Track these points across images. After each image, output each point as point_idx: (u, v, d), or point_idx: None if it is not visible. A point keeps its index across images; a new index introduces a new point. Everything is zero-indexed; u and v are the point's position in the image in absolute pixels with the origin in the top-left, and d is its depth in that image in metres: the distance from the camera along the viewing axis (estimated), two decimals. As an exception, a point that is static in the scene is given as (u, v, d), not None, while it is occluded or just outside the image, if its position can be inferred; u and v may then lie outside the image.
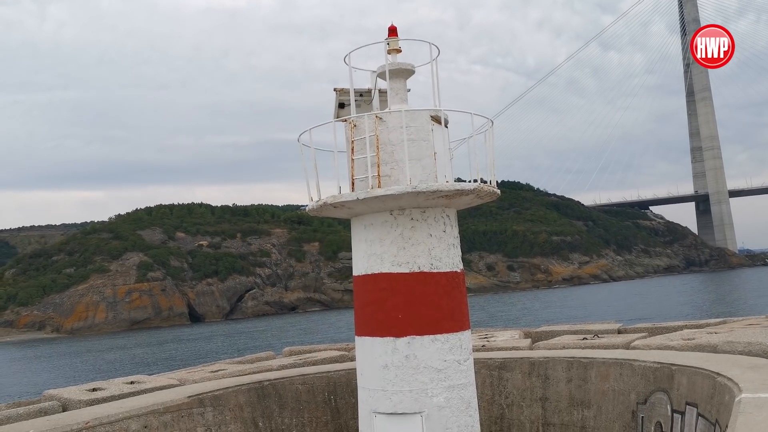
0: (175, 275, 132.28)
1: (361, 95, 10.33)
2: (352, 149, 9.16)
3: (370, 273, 9.13)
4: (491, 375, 12.85)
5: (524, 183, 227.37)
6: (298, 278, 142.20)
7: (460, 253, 9.59)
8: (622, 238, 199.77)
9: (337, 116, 10.09)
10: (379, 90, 10.19)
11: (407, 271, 8.93)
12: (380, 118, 9.00)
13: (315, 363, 13.85)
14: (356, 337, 9.43)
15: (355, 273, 9.50)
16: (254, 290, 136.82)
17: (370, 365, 9.05)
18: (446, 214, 9.33)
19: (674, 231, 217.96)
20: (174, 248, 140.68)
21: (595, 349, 12.89)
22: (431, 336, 8.86)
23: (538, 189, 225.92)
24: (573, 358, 12.17)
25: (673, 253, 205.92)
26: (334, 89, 10.37)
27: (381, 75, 9.75)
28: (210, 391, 11.36)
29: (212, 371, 13.32)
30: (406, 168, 8.63)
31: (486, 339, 15.91)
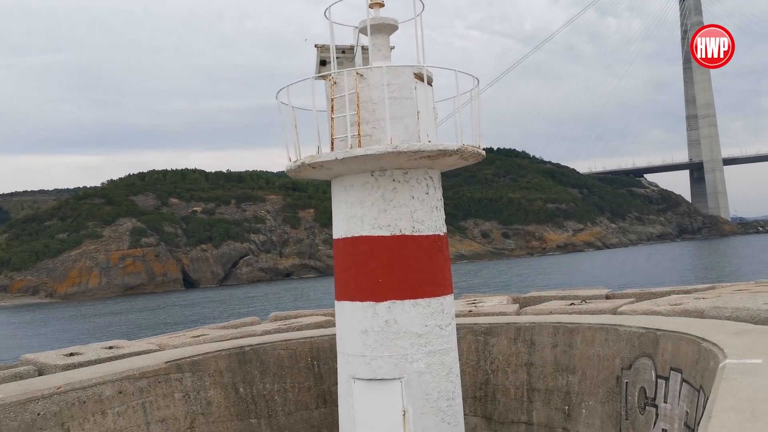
0: (169, 241, 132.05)
1: (343, 52, 9.95)
2: (332, 107, 8.82)
3: (350, 236, 8.88)
4: (477, 340, 12.71)
5: (520, 150, 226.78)
6: (293, 245, 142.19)
7: (444, 216, 9.33)
8: (616, 205, 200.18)
9: (318, 74, 9.73)
10: (362, 47, 9.81)
11: (388, 234, 8.68)
12: (361, 75, 8.65)
13: (300, 328, 13.69)
14: (336, 302, 9.22)
15: (335, 236, 9.25)
16: (249, 256, 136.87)
17: (350, 330, 8.86)
18: (429, 176, 9.04)
19: (668, 199, 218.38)
20: (168, 214, 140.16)
21: (581, 315, 12.75)
22: (412, 300, 8.65)
23: (534, 156, 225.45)
24: (559, 323, 12.02)
25: (667, 221, 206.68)
26: (315, 45, 9.98)
27: (363, 31, 9.36)
28: (189, 357, 11.19)
29: (194, 336, 13.15)
30: (387, 127, 8.31)
31: (474, 304, 15.77)
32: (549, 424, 11.71)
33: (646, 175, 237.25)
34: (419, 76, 8.82)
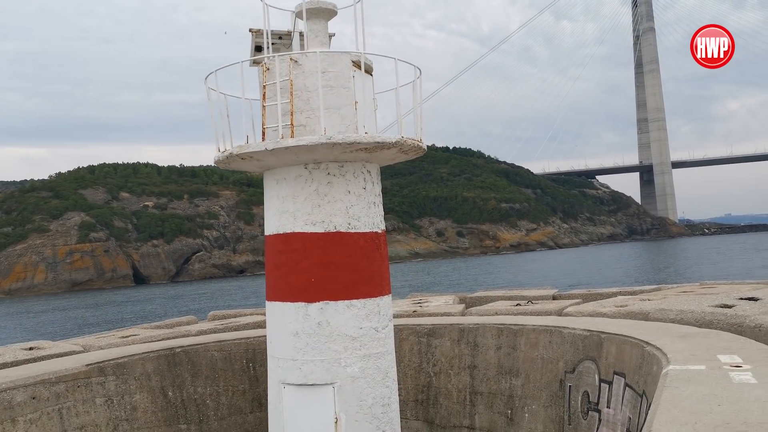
0: (119, 236, 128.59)
1: (280, 38, 9.38)
2: (264, 95, 8.26)
3: (281, 232, 8.34)
4: (420, 342, 12.31)
5: (476, 150, 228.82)
6: (247, 241, 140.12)
7: (382, 213, 8.87)
8: (568, 206, 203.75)
9: (254, 61, 9.15)
10: (300, 33, 9.27)
11: (322, 230, 8.18)
12: (295, 61, 8.11)
13: (237, 328, 13.07)
14: (267, 303, 8.67)
15: (266, 232, 8.69)
16: (201, 252, 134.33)
17: (280, 333, 8.32)
18: (367, 170, 8.57)
19: (619, 200, 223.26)
20: (118, 208, 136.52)
21: (527, 316, 12.48)
22: (347, 301, 8.16)
23: (489, 156, 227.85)
24: (503, 325, 11.70)
25: (617, 222, 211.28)
26: (250, 30, 9.39)
27: (300, 15, 8.82)
28: (114, 359, 10.47)
29: (122, 337, 12.40)
30: (321, 117, 7.79)
31: (419, 304, 15.39)
32: (491, 429, 11.38)
33: (597, 177, 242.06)
34: (358, 64, 8.33)
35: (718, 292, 12.44)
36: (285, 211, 8.29)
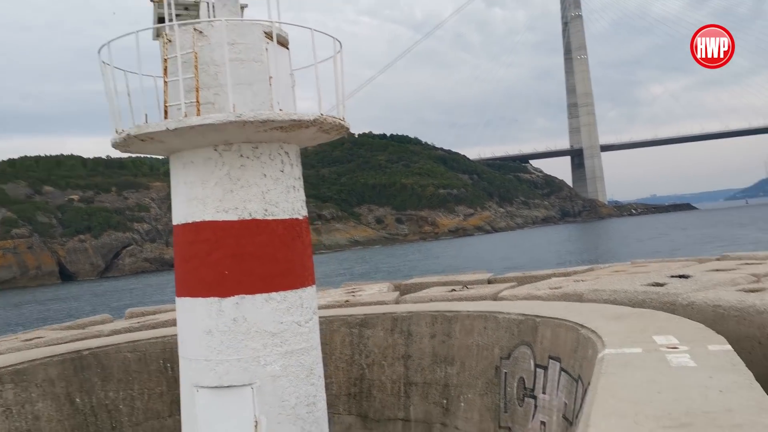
0: (43, 232, 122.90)
1: (186, 8, 8.54)
2: (165, 70, 7.45)
3: (190, 221, 7.59)
4: (351, 333, 11.75)
5: (413, 137, 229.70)
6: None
7: (304, 197, 8.22)
8: (504, 190, 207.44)
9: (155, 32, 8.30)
10: (208, 3, 8.46)
11: (235, 218, 7.46)
12: (200, 32, 7.34)
13: (154, 326, 12.18)
14: (176, 299, 7.90)
15: (174, 222, 7.92)
16: (132, 246, 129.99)
17: (192, 331, 7.59)
18: (285, 151, 7.89)
19: (551, 184, 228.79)
20: (41, 203, 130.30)
21: (462, 302, 12.09)
22: (265, 294, 7.50)
23: (426, 143, 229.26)
24: (437, 312, 11.26)
25: (550, 205, 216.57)
26: (151, 0, 8.51)
27: (207, -18, 8.03)
28: (12, 365, 9.48)
29: (26, 340, 11.34)
30: (230, 93, 7.06)
31: (352, 293, 14.85)
32: (427, 420, 10.96)
33: (531, 161, 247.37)
34: (270, 36, 7.62)
35: (649, 271, 12.36)
36: (193, 198, 7.53)
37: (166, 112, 7.40)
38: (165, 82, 7.44)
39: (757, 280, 10.17)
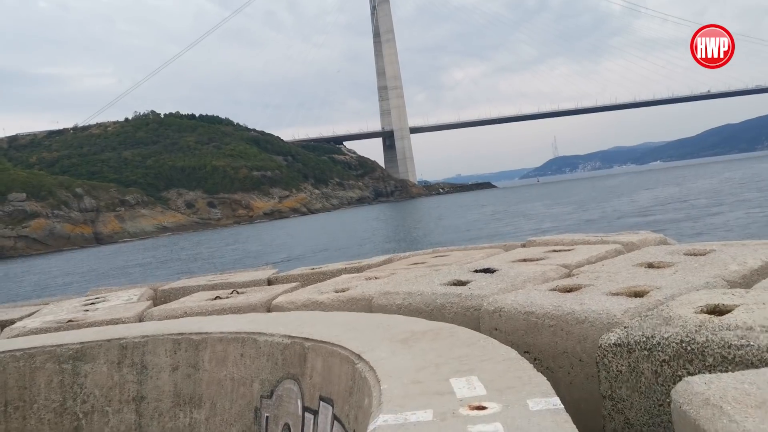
0: None
1: None
2: None
3: None
4: (62, 370, 8.42)
5: (224, 117, 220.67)
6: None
7: None
8: (319, 172, 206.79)
9: None
10: None
11: None
12: None
13: None
14: None
15: None
16: None
17: None
18: None
19: (365, 165, 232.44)
20: None
21: (222, 316, 9.27)
22: None
23: (238, 124, 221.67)
24: (182, 335, 8.32)
25: (365, 186, 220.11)
26: None
27: None
28: None
29: None
30: None
31: (93, 304, 11.40)
32: (169, 484, 8.03)
33: (345, 143, 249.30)
34: None
35: (450, 262, 10.43)
36: None
37: None
38: None
39: (569, 273, 8.54)
